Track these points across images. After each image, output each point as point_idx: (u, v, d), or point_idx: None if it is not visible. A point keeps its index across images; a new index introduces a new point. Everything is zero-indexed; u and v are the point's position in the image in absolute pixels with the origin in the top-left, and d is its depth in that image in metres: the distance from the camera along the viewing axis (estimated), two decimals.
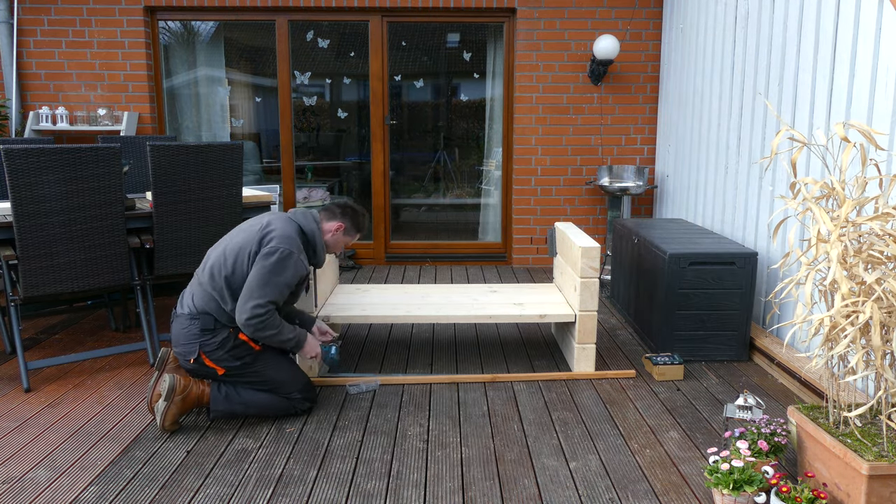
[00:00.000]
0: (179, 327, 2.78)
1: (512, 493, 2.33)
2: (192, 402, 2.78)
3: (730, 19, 4.33)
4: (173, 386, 2.72)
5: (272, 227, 2.81)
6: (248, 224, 2.90)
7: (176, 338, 2.79)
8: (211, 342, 2.74)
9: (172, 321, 2.84)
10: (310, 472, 2.48)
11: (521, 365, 3.54)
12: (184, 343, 2.76)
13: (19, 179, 3.01)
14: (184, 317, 2.78)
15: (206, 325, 2.75)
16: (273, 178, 6.11)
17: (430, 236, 6.18)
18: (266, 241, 2.77)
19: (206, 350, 2.74)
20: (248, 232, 2.83)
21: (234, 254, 2.78)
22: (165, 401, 2.71)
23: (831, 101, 3.19)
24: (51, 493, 2.33)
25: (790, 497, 2.02)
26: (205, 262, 2.87)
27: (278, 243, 2.75)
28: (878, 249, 2.04)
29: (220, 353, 2.75)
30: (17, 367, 3.49)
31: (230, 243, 2.83)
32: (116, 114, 5.63)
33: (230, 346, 2.76)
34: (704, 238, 3.89)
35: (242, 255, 2.77)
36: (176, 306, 2.86)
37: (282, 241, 2.76)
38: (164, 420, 2.72)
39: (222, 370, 2.78)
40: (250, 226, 2.87)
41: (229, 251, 2.80)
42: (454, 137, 6.06)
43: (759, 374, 3.42)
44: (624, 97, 5.69)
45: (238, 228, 2.92)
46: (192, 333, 2.75)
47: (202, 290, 2.79)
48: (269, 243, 2.75)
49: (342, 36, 5.82)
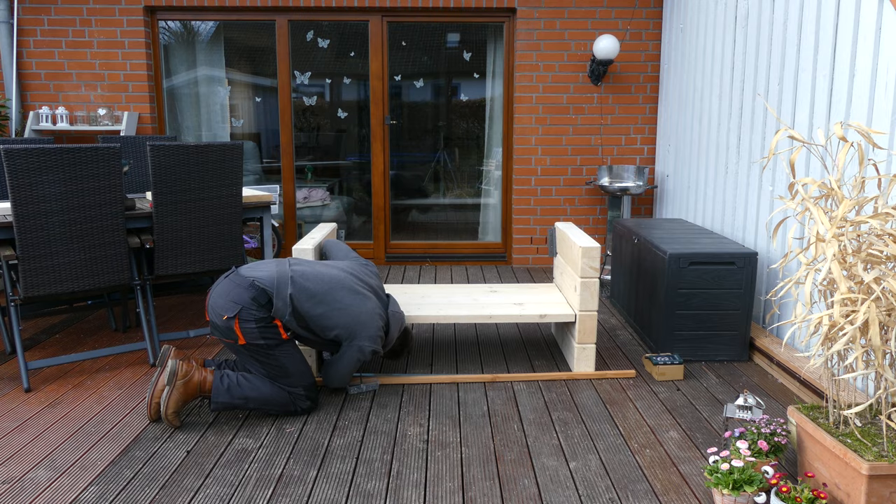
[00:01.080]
0: (233, 285, 2.81)
1: (512, 493, 2.34)
2: (194, 389, 2.79)
3: (730, 19, 4.33)
4: (175, 370, 2.75)
5: (364, 334, 2.96)
6: (360, 300, 2.96)
7: (224, 291, 2.81)
8: (252, 313, 2.78)
9: (226, 276, 2.88)
10: (310, 472, 2.48)
11: (521, 365, 3.54)
12: (229, 299, 2.79)
13: (19, 179, 3.01)
14: (245, 279, 2.82)
15: (260, 298, 2.80)
16: (273, 178, 6.11)
17: (430, 236, 6.18)
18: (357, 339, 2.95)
19: (242, 316, 2.77)
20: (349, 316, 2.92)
21: (324, 314, 2.88)
22: (168, 385, 2.74)
23: (831, 101, 3.19)
24: (51, 493, 2.33)
25: (790, 497, 2.02)
26: (309, 273, 2.92)
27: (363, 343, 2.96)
28: (877, 249, 2.04)
29: (253, 325, 2.78)
30: (17, 367, 3.49)
31: (330, 297, 2.90)
32: (116, 114, 5.63)
33: (264, 325, 2.81)
34: (704, 238, 3.89)
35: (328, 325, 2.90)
36: (237, 268, 2.91)
37: (372, 343, 2.98)
38: (167, 408, 2.73)
39: (244, 341, 2.80)
40: (358, 307, 2.94)
41: (324, 303, 2.88)
42: (454, 137, 6.06)
43: (759, 374, 3.42)
44: (624, 97, 5.69)
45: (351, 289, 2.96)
46: (242, 297, 2.79)
47: (285, 289, 2.83)
48: (358, 342, 2.95)
49: (342, 36, 5.82)
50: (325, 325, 2.89)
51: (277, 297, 2.83)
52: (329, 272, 2.97)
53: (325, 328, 2.90)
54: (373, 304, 2.98)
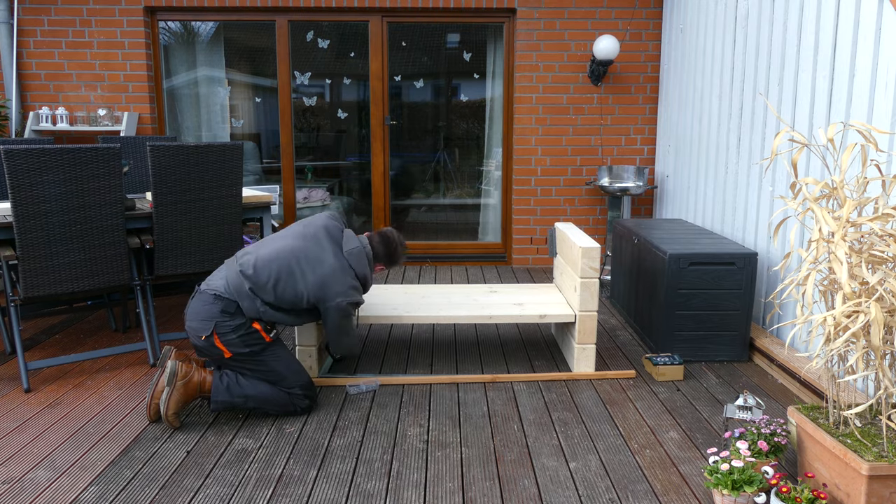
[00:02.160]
0: (200, 304, 2.81)
1: (512, 494, 2.33)
2: (193, 389, 2.79)
3: (730, 19, 4.33)
4: (174, 371, 2.76)
5: (334, 283, 2.85)
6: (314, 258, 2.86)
7: (194, 313, 2.81)
8: (227, 324, 2.78)
9: (193, 297, 2.87)
10: (310, 472, 2.48)
11: (521, 365, 3.54)
12: (201, 319, 2.78)
13: (19, 179, 3.01)
14: (207, 295, 2.82)
15: (227, 308, 2.79)
16: (273, 179, 6.11)
17: (430, 236, 6.18)
18: (330, 297, 2.83)
19: (219, 331, 2.77)
20: (314, 279, 2.83)
21: (287, 289, 2.82)
22: (168, 386, 2.74)
23: (831, 101, 3.19)
24: (51, 493, 2.33)
25: (790, 497, 2.02)
26: (258, 257, 2.84)
27: (341, 299, 2.85)
28: (878, 249, 2.04)
29: (233, 336, 2.78)
30: (17, 368, 3.49)
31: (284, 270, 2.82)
32: (116, 114, 5.63)
33: (243, 332, 2.80)
34: (704, 238, 3.89)
35: (298, 298, 2.83)
36: (199, 285, 2.90)
37: (344, 297, 2.86)
38: (168, 408, 2.73)
39: (229, 354, 2.80)
40: (316, 266, 2.85)
41: (284, 280, 2.81)
42: (454, 138, 6.06)
43: (759, 375, 3.42)
44: (624, 97, 5.69)
45: (303, 255, 2.86)
46: (211, 312, 2.78)
47: (239, 281, 2.81)
48: (335, 299, 2.84)
49: (342, 36, 5.82)
50: (294, 298, 2.83)
51: (241, 298, 2.80)
52: (276, 246, 2.89)
53: (296, 301, 2.84)
54: (331, 260, 2.86)
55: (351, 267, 2.93)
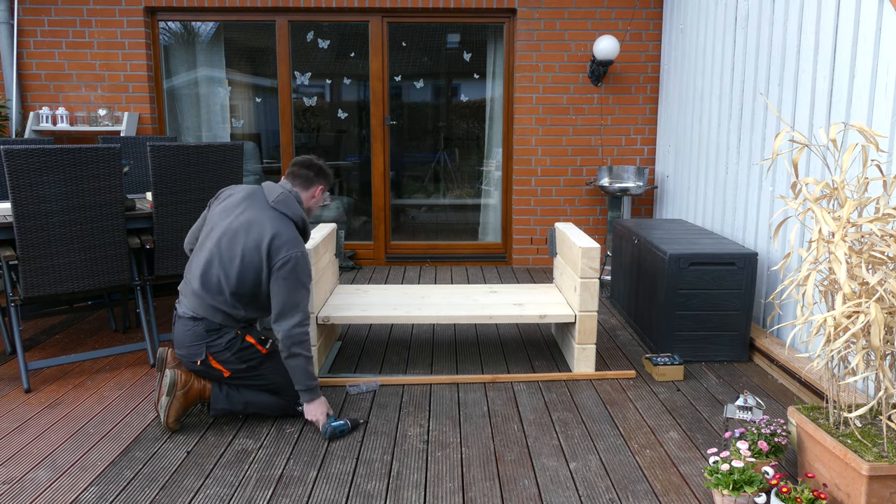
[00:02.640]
0: (183, 329, 2.72)
1: (512, 494, 2.33)
2: (194, 397, 2.78)
3: (730, 19, 4.33)
4: (174, 381, 2.72)
5: (273, 235, 2.65)
6: (241, 227, 2.68)
7: (180, 340, 2.74)
8: (217, 343, 2.71)
9: (174, 322, 2.80)
10: (310, 472, 2.48)
11: (521, 365, 3.54)
12: (189, 345, 2.72)
13: (19, 180, 3.01)
14: (186, 319, 2.72)
15: (210, 326, 2.71)
16: (273, 179, 6.11)
17: (430, 237, 6.18)
18: (274, 251, 2.64)
19: (212, 351, 2.71)
20: (248, 242, 2.66)
21: (237, 268, 2.66)
22: (168, 396, 2.71)
23: (831, 101, 3.19)
24: (51, 493, 2.33)
25: (790, 497, 2.02)
26: (197, 269, 2.72)
27: (288, 251, 2.65)
28: (879, 250, 2.04)
29: (228, 354, 2.73)
30: (17, 368, 3.49)
31: (225, 253, 2.68)
32: (116, 114, 5.63)
33: (237, 347, 2.73)
34: (704, 238, 3.89)
35: (246, 269, 2.66)
36: (176, 307, 2.81)
37: (291, 247, 2.65)
38: (168, 417, 2.72)
39: (228, 373, 2.76)
40: (246, 231, 2.67)
41: (228, 262, 2.67)
42: (454, 138, 6.06)
43: (760, 375, 3.42)
44: (624, 97, 5.69)
45: (227, 229, 2.70)
46: (197, 335, 2.70)
47: (200, 300, 2.70)
48: (280, 253, 2.64)
49: (342, 36, 5.83)
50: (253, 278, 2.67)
51: (213, 314, 2.69)
52: (207, 244, 2.74)
53: (255, 280, 2.67)
54: (256, 215, 2.70)
55: (283, 214, 2.73)
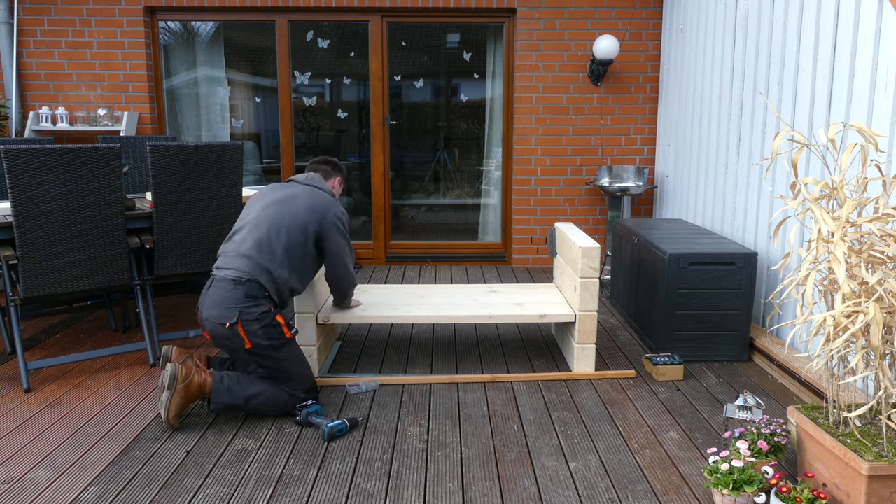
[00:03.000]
0: (221, 290, 2.79)
1: (512, 494, 2.33)
2: (194, 392, 2.78)
3: (730, 19, 4.33)
4: (175, 374, 2.73)
5: (320, 202, 3.00)
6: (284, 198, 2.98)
7: (215, 300, 2.78)
8: (252, 310, 2.76)
9: (209, 287, 2.85)
10: (310, 472, 2.48)
11: (521, 365, 3.54)
12: (225, 307, 2.76)
13: (19, 179, 3.01)
14: (228, 280, 2.80)
15: (251, 291, 2.79)
16: (273, 179, 6.11)
17: (430, 236, 6.18)
18: (328, 217, 2.98)
19: (244, 318, 2.75)
20: (296, 208, 2.95)
21: (289, 227, 2.91)
22: (168, 390, 2.72)
23: (831, 101, 3.19)
24: (51, 493, 2.33)
25: (790, 497, 2.02)
26: (245, 236, 2.90)
27: (338, 213, 3.03)
28: (878, 250, 2.04)
29: (256, 326, 2.77)
30: (17, 367, 3.49)
31: (276, 217, 2.92)
32: (116, 114, 5.63)
33: (267, 322, 2.79)
34: (704, 238, 3.89)
35: (298, 231, 2.92)
36: (213, 273, 2.88)
37: (335, 207, 3.04)
38: (169, 411, 2.72)
39: (250, 344, 2.78)
40: (292, 202, 2.96)
41: (280, 224, 2.90)
42: (454, 137, 6.06)
43: (759, 375, 3.42)
44: (624, 97, 5.69)
45: (269, 203, 2.97)
46: (235, 298, 2.77)
47: (250, 262, 2.83)
48: (332, 216, 3.00)
49: (342, 36, 5.82)
50: (301, 239, 2.94)
51: (262, 274, 2.83)
52: (257, 213, 2.97)
53: (304, 242, 2.95)
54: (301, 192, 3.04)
55: (318, 188, 3.09)
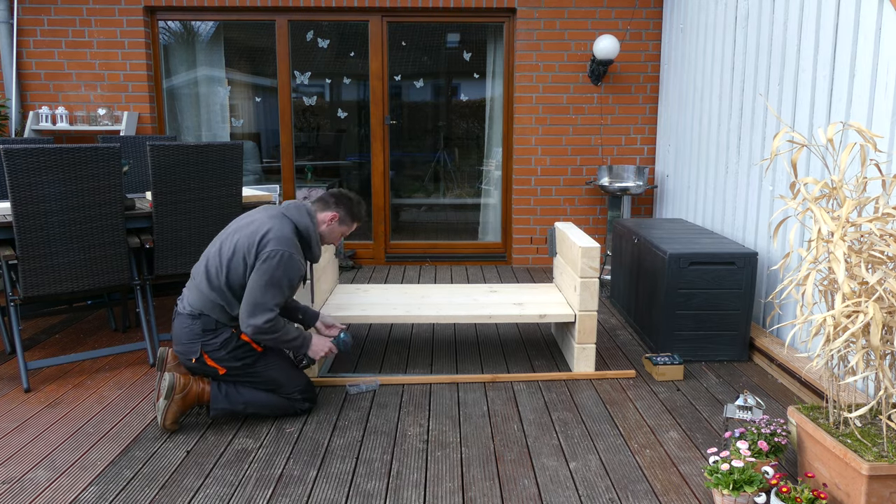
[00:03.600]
0: (181, 326, 2.77)
1: (512, 493, 2.33)
2: (192, 401, 2.77)
3: (730, 19, 4.33)
4: (173, 384, 2.72)
5: (268, 230, 2.74)
6: (244, 224, 2.82)
7: (178, 337, 2.79)
8: (213, 342, 2.75)
9: (174, 319, 2.83)
10: (310, 472, 2.48)
11: (521, 365, 3.54)
12: (185, 342, 2.76)
13: (19, 179, 3.01)
14: (185, 316, 2.78)
15: (207, 325, 2.75)
16: (273, 178, 6.11)
17: (430, 236, 6.18)
18: (262, 244, 2.71)
19: (207, 350, 2.75)
20: (244, 235, 2.76)
21: (229, 258, 2.74)
22: (166, 399, 2.71)
23: (831, 101, 3.19)
24: (51, 493, 2.33)
25: (790, 497, 2.02)
26: (201, 264, 2.83)
27: (275, 246, 2.69)
28: (878, 249, 2.04)
29: (222, 353, 2.76)
30: (17, 367, 3.48)
31: (225, 246, 2.78)
32: (116, 114, 5.63)
33: (232, 346, 2.77)
34: (704, 238, 3.89)
35: (238, 260, 2.73)
36: (177, 304, 2.85)
37: (279, 244, 2.70)
38: (165, 419, 2.72)
39: (223, 370, 2.78)
40: (247, 227, 2.79)
41: (225, 254, 2.76)
42: (454, 137, 6.06)
43: (759, 375, 3.42)
44: (624, 97, 5.69)
45: (233, 228, 2.84)
46: (193, 333, 2.75)
47: (200, 294, 2.77)
48: (266, 247, 2.70)
49: (342, 36, 5.82)
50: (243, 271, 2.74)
51: (210, 309, 2.74)
52: (214, 241, 2.85)
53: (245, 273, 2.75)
54: (260, 215, 2.81)
55: (286, 216, 2.81)
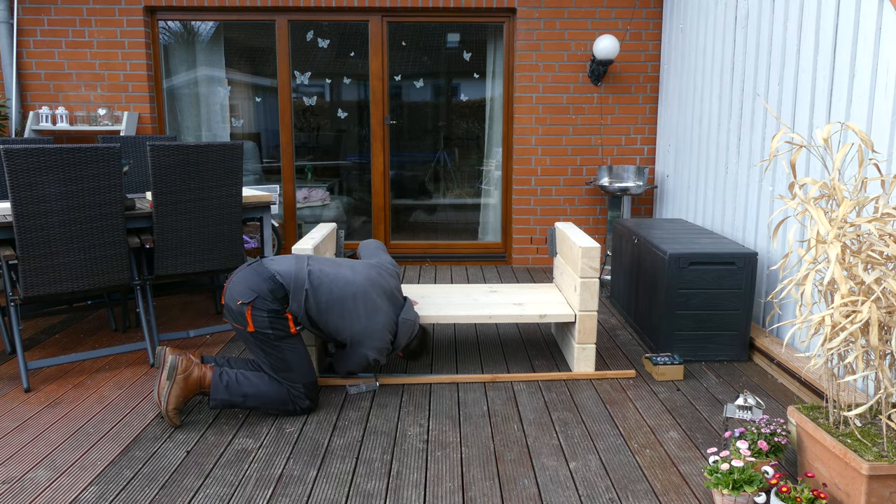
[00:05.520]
0: (254, 274, 2.86)
1: (512, 493, 2.33)
2: (193, 384, 2.80)
3: (730, 19, 4.33)
4: (174, 364, 2.77)
5: (370, 341, 2.97)
6: (372, 310, 2.96)
7: (244, 278, 2.85)
8: (266, 303, 2.82)
9: (249, 264, 2.93)
10: (310, 472, 2.48)
11: (521, 365, 3.54)
12: (248, 286, 2.83)
13: (19, 179, 3.01)
14: (267, 271, 2.87)
15: (276, 292, 2.84)
16: (273, 178, 6.11)
17: (430, 236, 6.18)
18: (365, 345, 2.97)
19: (256, 305, 2.81)
20: (361, 324, 2.94)
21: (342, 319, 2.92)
22: (168, 380, 2.75)
23: (831, 101, 3.19)
24: (51, 493, 2.33)
25: (790, 497, 2.02)
26: (329, 269, 2.96)
27: (372, 354, 2.99)
28: (877, 250, 2.04)
29: (264, 315, 2.82)
30: (17, 367, 3.49)
31: (348, 306, 2.92)
32: (116, 114, 5.63)
33: (275, 316, 2.84)
34: (704, 238, 3.89)
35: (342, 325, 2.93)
36: (260, 258, 2.97)
37: (378, 354, 3.00)
38: (168, 403, 2.73)
39: (253, 328, 2.83)
40: (374, 314, 2.96)
41: (347, 312, 2.92)
42: (454, 137, 6.06)
43: (759, 375, 3.42)
44: (624, 97, 5.69)
45: (370, 297, 2.97)
46: (260, 287, 2.83)
47: (301, 287, 2.87)
48: (365, 347, 2.97)
49: (342, 36, 5.82)
50: (335, 329, 2.93)
51: (293, 297, 2.86)
52: (346, 276, 2.98)
53: (335, 331, 2.94)
54: (383, 317, 2.99)
55: (396, 331, 3.07)
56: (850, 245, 2.13)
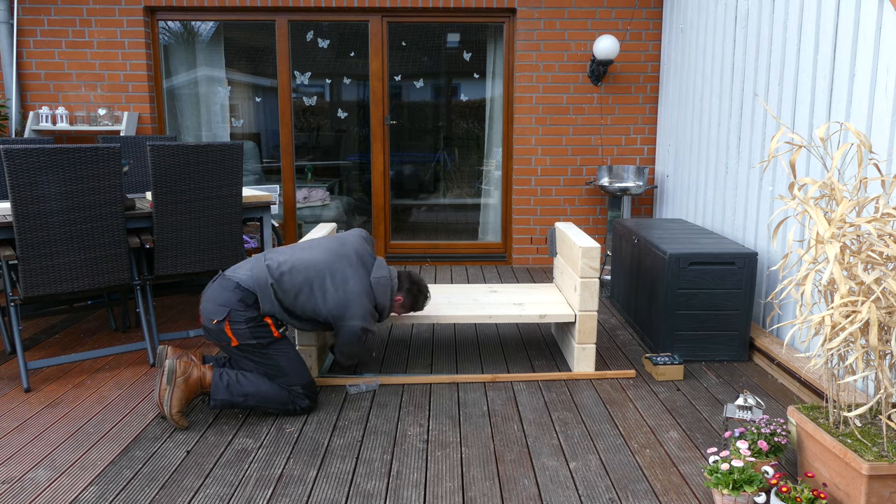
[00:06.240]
0: (220, 289, 2.85)
1: (512, 493, 2.33)
2: (194, 386, 2.80)
3: (730, 19, 4.33)
4: (173, 369, 2.77)
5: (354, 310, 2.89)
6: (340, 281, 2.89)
7: (212, 296, 2.85)
8: (241, 314, 2.82)
9: (215, 279, 2.91)
10: (310, 472, 2.48)
11: (521, 365, 3.54)
12: (218, 304, 2.82)
13: (19, 179, 3.01)
14: (230, 282, 2.86)
15: (246, 298, 2.84)
16: (273, 178, 6.11)
17: (430, 236, 6.18)
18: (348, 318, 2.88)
19: (232, 319, 2.81)
20: (333, 298, 2.88)
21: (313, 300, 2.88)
22: (168, 384, 2.75)
23: (831, 101, 3.19)
24: (51, 493, 2.33)
25: (790, 497, 2.02)
26: (286, 259, 2.90)
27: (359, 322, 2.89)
28: (876, 250, 2.04)
29: (243, 326, 2.82)
30: (17, 367, 3.49)
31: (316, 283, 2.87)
32: (116, 114, 5.63)
33: (254, 324, 2.84)
34: (704, 238, 3.89)
35: (316, 307, 2.89)
36: (223, 271, 2.95)
37: (363, 320, 2.90)
38: (171, 406, 2.73)
39: (237, 342, 2.83)
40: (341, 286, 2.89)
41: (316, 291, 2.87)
42: (454, 137, 6.06)
43: (759, 375, 3.42)
44: (624, 97, 5.69)
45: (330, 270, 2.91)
46: (229, 299, 2.82)
47: (265, 285, 2.85)
48: (348, 322, 2.88)
49: (342, 36, 5.82)
50: (312, 311, 2.91)
51: (262, 297, 2.85)
52: (304, 257, 2.93)
53: (313, 313, 2.91)
54: (354, 284, 2.91)
55: (374, 294, 2.98)
56: (850, 245, 2.13)
